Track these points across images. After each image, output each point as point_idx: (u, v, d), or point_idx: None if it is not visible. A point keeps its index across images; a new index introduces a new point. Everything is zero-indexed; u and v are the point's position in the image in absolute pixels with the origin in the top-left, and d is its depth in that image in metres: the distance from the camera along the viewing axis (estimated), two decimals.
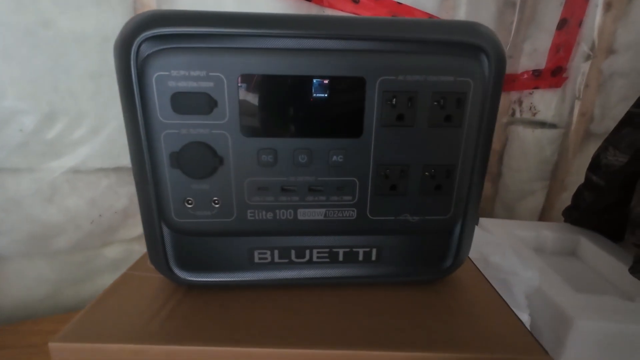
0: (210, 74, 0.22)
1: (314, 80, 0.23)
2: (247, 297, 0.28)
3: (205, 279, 0.28)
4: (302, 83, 0.23)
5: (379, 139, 0.24)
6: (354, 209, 0.26)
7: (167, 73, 0.22)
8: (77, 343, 0.23)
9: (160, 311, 0.26)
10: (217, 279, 0.28)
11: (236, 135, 0.24)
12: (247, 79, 0.22)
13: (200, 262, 0.27)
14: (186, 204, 0.25)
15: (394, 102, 0.24)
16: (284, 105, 0.23)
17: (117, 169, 0.68)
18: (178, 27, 0.21)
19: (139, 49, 0.22)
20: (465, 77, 0.23)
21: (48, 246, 0.68)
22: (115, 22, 0.60)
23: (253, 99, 0.23)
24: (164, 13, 0.22)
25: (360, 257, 0.28)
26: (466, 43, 0.23)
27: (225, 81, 0.22)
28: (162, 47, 0.22)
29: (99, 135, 0.65)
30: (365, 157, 0.25)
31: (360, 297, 0.28)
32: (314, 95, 0.23)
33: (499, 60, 0.24)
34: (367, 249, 0.28)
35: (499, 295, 0.29)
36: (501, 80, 0.24)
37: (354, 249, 0.28)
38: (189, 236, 0.26)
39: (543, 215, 0.95)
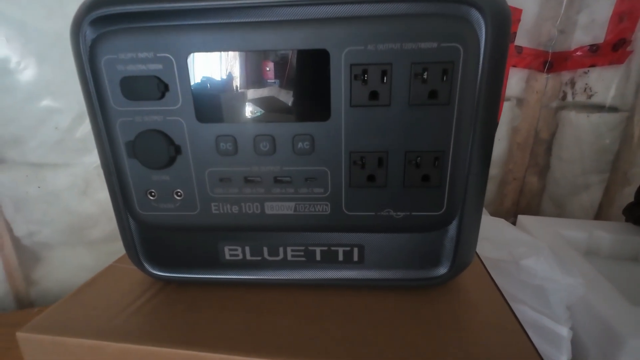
0: (158, 55, 0.20)
1: (271, 56, 0.20)
2: (218, 297, 0.26)
3: (174, 275, 0.26)
4: (258, 60, 0.20)
5: (349, 121, 0.21)
6: (327, 202, 0.23)
7: (115, 56, 0.21)
8: (41, 335, 0.23)
9: (128, 307, 0.25)
10: (187, 275, 0.26)
11: (191, 122, 0.22)
12: (197, 58, 0.20)
13: (170, 257, 0.26)
14: (149, 196, 0.24)
15: (365, 78, 0.20)
16: (240, 86, 0.21)
17: None
18: (122, 6, 0.20)
19: (87, 32, 0.20)
20: (452, 42, 0.19)
21: (85, 236, 0.73)
22: None
23: (206, 81, 0.21)
24: None
25: (340, 257, 0.25)
26: (452, 0, 0.19)
27: (174, 62, 0.20)
28: (108, 29, 0.20)
29: None
30: (335, 143, 0.22)
31: (341, 302, 0.25)
32: (272, 73, 0.20)
33: (500, 17, 0.19)
34: (347, 248, 0.25)
35: (509, 307, 0.24)
36: (504, 43, 0.20)
37: (332, 248, 0.25)
38: (154, 230, 0.25)
39: (600, 214, 0.83)
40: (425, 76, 0.20)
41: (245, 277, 0.26)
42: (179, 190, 0.23)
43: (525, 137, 0.88)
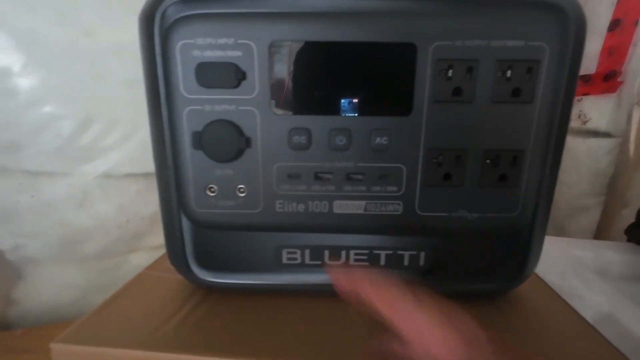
0: (239, 41, 0.20)
1: (355, 48, 0.20)
2: (272, 305, 0.24)
3: (226, 281, 0.24)
4: (341, 51, 0.20)
5: (431, 117, 0.21)
6: (399, 202, 0.22)
7: (192, 41, 0.20)
8: (79, 345, 0.20)
9: (173, 316, 0.23)
10: (239, 281, 0.24)
11: (265, 113, 0.21)
12: (279, 46, 0.20)
13: (222, 261, 0.24)
14: (208, 192, 0.22)
15: (449, 73, 0.20)
16: (320, 77, 0.20)
17: (147, 175, 0.68)
18: None
19: (164, 15, 0.20)
20: (539, 41, 0.19)
21: (77, 251, 0.68)
22: None
23: (285, 70, 0.20)
24: None
25: (406, 262, 0.24)
26: (539, 0, 0.19)
27: (255, 50, 0.20)
28: (187, 13, 0.20)
29: (130, 141, 0.66)
30: (414, 140, 0.21)
31: None
32: (355, 65, 0.20)
33: (580, 20, 0.20)
34: (414, 252, 0.24)
35: (581, 316, 0.24)
36: (582, 45, 0.20)
37: (399, 252, 0.24)
38: (210, 229, 0.23)
39: (599, 234, 0.85)
40: (509, 74, 0.20)
41: (301, 282, 0.24)
42: (242, 185, 0.22)
43: None
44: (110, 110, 0.65)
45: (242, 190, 0.22)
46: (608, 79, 0.81)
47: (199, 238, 0.24)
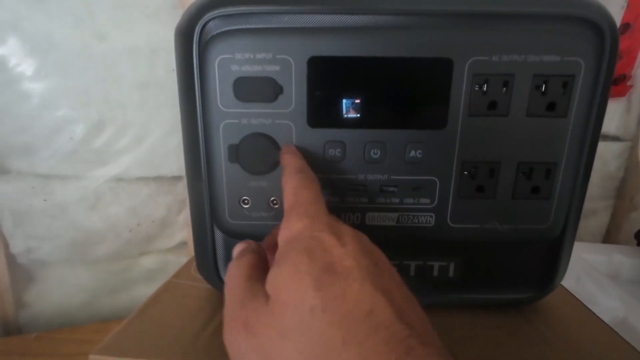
0: (277, 56, 0.20)
1: (393, 63, 0.20)
2: None
3: None
4: (379, 66, 0.20)
5: (466, 130, 0.21)
6: (431, 214, 0.22)
7: (230, 56, 0.20)
8: (118, 357, 0.20)
9: (207, 326, 0.23)
10: None
11: (301, 126, 0.21)
12: (316, 62, 0.20)
13: None
14: (242, 204, 0.22)
15: (485, 88, 0.20)
16: (357, 91, 0.21)
17: (157, 178, 0.68)
18: (244, 6, 0.19)
19: (203, 30, 0.20)
20: (575, 57, 0.20)
21: (88, 253, 0.68)
22: (164, 35, 0.62)
23: (322, 85, 0.20)
24: None
25: (435, 272, 0.24)
26: (575, 16, 0.19)
27: (293, 64, 0.20)
28: (226, 29, 0.20)
29: (142, 145, 0.66)
30: (448, 153, 0.21)
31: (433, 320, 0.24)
32: (390, 79, 0.20)
33: (614, 35, 0.20)
34: (444, 263, 0.24)
35: (608, 325, 0.24)
36: (615, 60, 0.20)
37: (429, 262, 0.24)
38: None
39: (608, 238, 0.85)
40: (544, 88, 0.20)
41: None
42: (275, 198, 0.22)
43: None
44: (123, 114, 0.65)
45: (275, 202, 0.22)
46: (618, 83, 0.81)
47: (231, 249, 0.24)
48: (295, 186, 0.17)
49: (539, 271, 0.24)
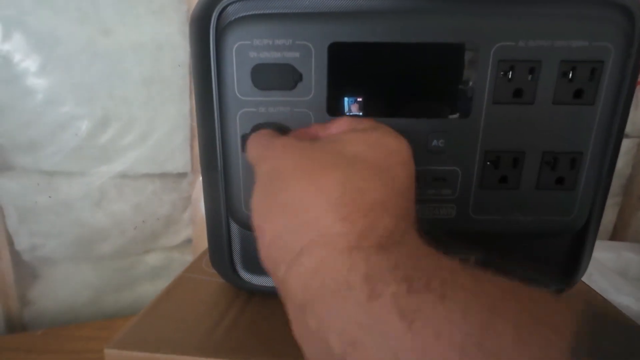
0: (297, 42, 0.19)
1: (415, 49, 0.19)
2: None
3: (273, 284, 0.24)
4: (401, 52, 0.19)
5: (490, 119, 0.20)
6: (453, 205, 0.22)
7: (249, 42, 0.19)
8: (134, 351, 0.20)
9: (222, 319, 0.22)
10: None
11: (320, 115, 0.20)
12: (337, 48, 0.19)
13: None
14: None
15: (510, 75, 0.20)
16: (378, 78, 0.20)
17: (163, 175, 0.68)
18: None
19: (220, 15, 0.19)
20: (604, 42, 0.19)
21: (93, 251, 0.68)
22: (169, 30, 0.61)
23: (342, 72, 0.20)
24: None
25: None
26: (605, 0, 0.19)
27: (313, 51, 0.19)
28: (245, 14, 0.19)
29: (147, 141, 0.65)
30: (471, 142, 0.21)
31: None
32: (413, 66, 0.20)
33: None
34: (463, 256, 0.23)
35: (633, 320, 0.23)
36: None
37: (449, 255, 0.23)
38: None
39: (615, 235, 0.85)
40: (572, 75, 0.19)
41: None
42: None
43: None
44: (128, 110, 0.64)
45: None
46: None
47: (247, 241, 0.23)
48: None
49: (562, 264, 0.23)
